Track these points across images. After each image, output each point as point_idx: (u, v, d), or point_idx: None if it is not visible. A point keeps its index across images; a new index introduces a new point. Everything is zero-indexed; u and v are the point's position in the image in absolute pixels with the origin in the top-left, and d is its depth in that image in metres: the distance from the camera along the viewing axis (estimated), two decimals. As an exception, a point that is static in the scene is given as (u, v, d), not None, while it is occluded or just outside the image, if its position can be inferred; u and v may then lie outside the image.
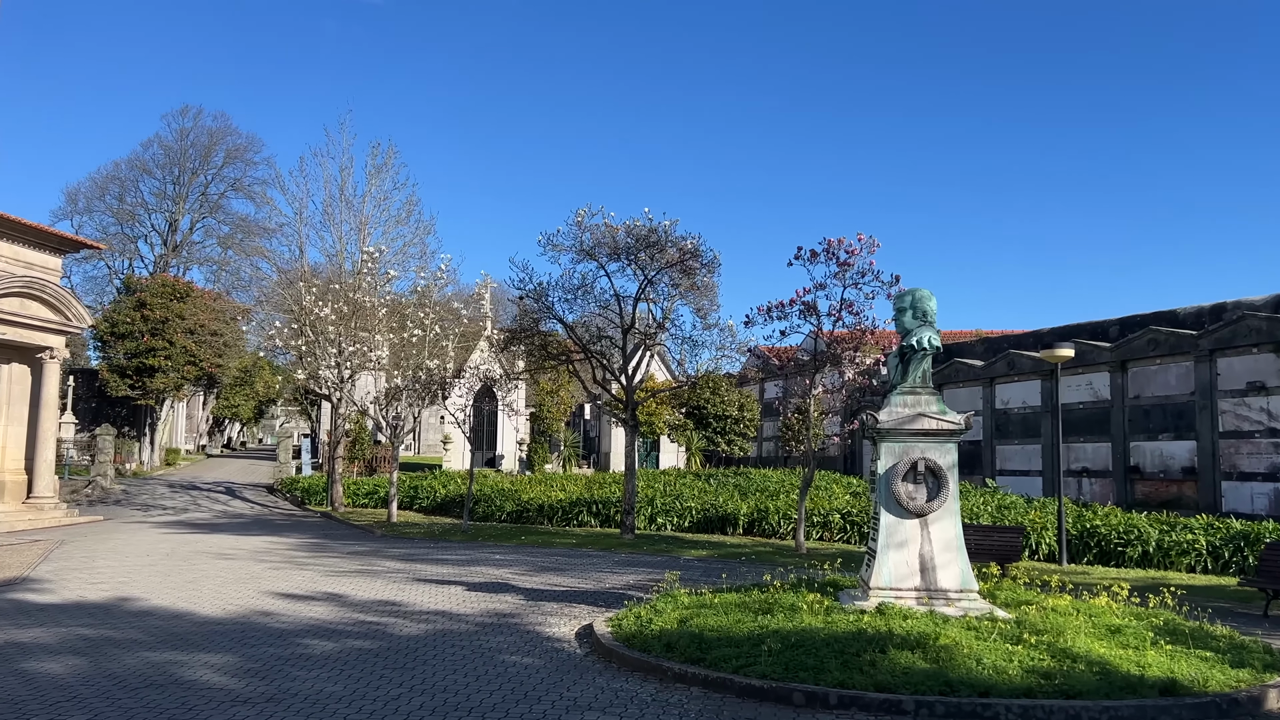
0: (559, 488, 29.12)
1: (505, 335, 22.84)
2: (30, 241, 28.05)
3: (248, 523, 27.98)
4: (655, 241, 21.03)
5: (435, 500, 31.06)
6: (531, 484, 30.66)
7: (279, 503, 35.28)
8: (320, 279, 30.63)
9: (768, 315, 20.46)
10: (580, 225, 21.51)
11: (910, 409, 10.69)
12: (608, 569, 17.42)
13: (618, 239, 21.29)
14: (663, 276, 21.82)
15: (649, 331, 22.72)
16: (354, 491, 34.18)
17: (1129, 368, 29.11)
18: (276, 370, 51.12)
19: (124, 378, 47.59)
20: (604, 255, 21.60)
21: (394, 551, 20.43)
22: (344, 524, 28.13)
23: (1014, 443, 33.76)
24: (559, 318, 22.04)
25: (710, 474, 31.67)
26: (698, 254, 21.05)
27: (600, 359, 22.90)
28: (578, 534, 23.52)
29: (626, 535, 22.03)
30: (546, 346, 22.75)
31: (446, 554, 20.03)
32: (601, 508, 25.21)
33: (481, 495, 28.71)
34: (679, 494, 25.62)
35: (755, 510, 23.39)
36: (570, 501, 25.81)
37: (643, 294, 22.11)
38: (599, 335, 22.75)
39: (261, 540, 22.51)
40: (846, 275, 19.73)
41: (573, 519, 25.32)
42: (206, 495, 36.33)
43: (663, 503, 24.61)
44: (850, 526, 21.85)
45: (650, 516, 24.28)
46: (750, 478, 29.84)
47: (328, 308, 27.72)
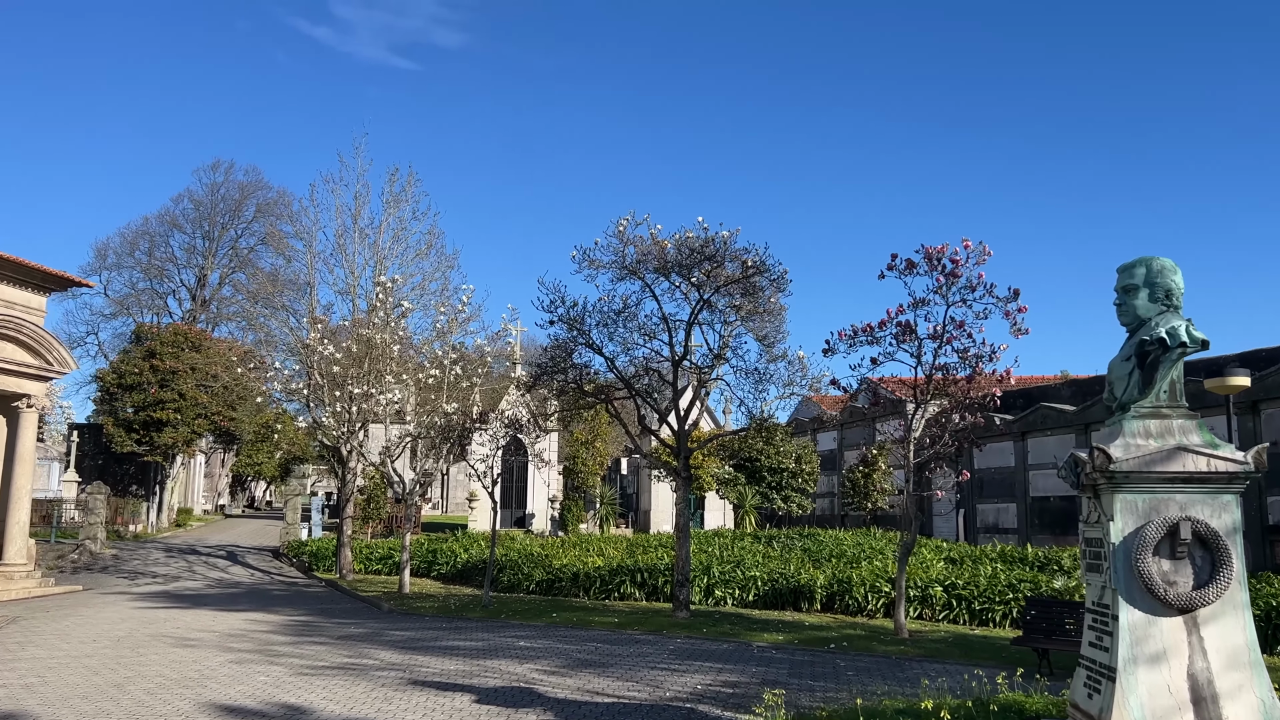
0: (596, 552, 25.16)
1: (533, 371, 19.17)
2: (7, 277, 25.02)
3: (239, 594, 24.29)
4: (712, 254, 17.37)
5: (455, 567, 27.20)
6: (565, 548, 26.74)
7: (283, 569, 31.58)
8: (328, 316, 27.32)
9: (853, 340, 16.63)
10: (621, 237, 17.96)
11: (1159, 439, 6.81)
12: (663, 663, 13.45)
13: (666, 254, 17.66)
14: (721, 298, 18.13)
15: (705, 364, 18.98)
16: (366, 556, 30.45)
17: (1262, 409, 24.81)
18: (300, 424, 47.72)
19: (130, 432, 44.52)
20: (650, 272, 17.97)
21: (395, 635, 16.60)
22: (349, 595, 24.35)
23: (1118, 498, 29.36)
24: (596, 348, 18.34)
25: (770, 535, 27.56)
26: (763, 268, 17.35)
27: (646, 397, 19.15)
28: (620, 610, 19.54)
29: (680, 613, 18.03)
30: (581, 383, 19.03)
31: (459, 638, 16.15)
32: (647, 577, 21.22)
33: (507, 561, 24.83)
34: (739, 560, 21.57)
35: (834, 581, 19.30)
36: (610, 569, 21.86)
37: (696, 318, 18.40)
38: (645, 369, 19.01)
39: (242, 618, 18.79)
40: (952, 289, 15.91)
41: (613, 590, 21.34)
42: (205, 561, 32.73)
43: (721, 571, 20.58)
44: (956, 602, 17.69)
45: (706, 588, 20.26)
46: (819, 540, 25.71)
47: (331, 345, 24.29)
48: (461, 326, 26.07)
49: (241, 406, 47.41)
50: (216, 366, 45.66)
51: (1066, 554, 20.60)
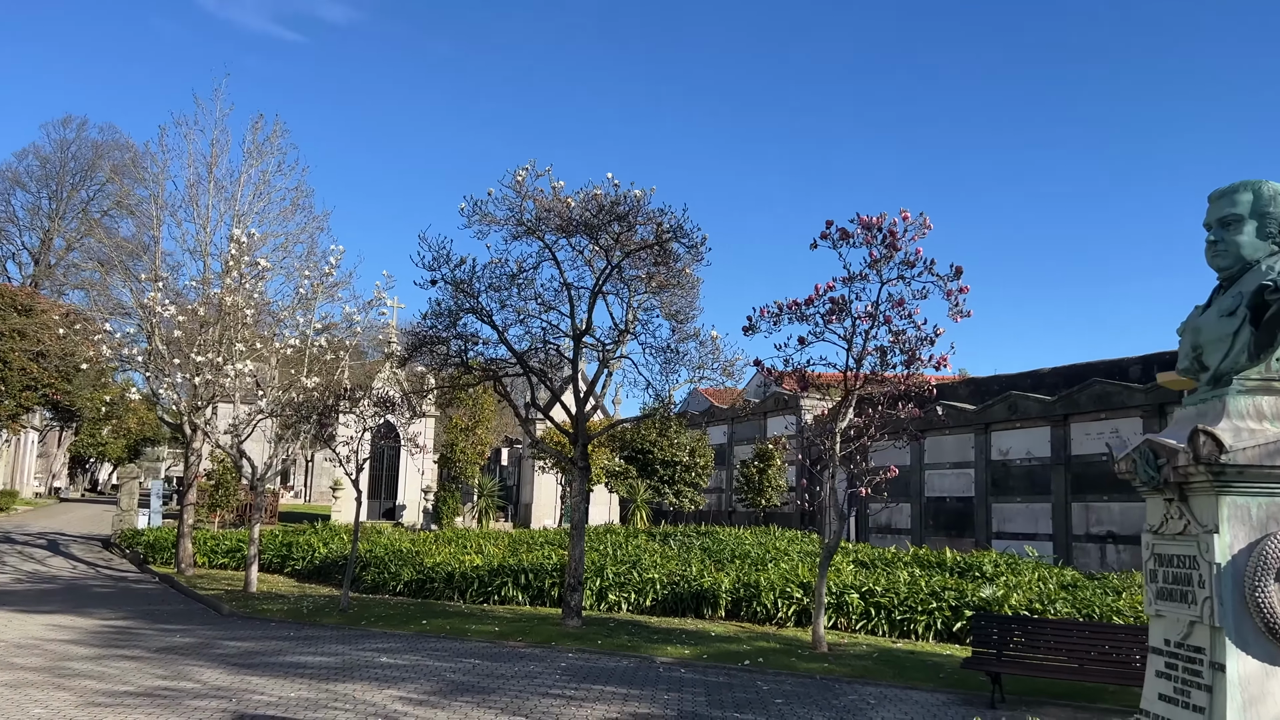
0: (474, 549, 22.66)
1: (409, 340, 16.59)
2: None
3: (52, 591, 20.81)
4: (624, 214, 15.20)
5: (312, 562, 24.24)
6: (439, 544, 24.12)
7: (114, 561, 27.86)
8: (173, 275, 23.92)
9: (777, 318, 14.76)
10: (519, 189, 15.57)
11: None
12: (556, 687, 11.23)
13: (570, 212, 15.39)
14: (631, 267, 15.99)
15: (610, 341, 16.81)
16: (211, 548, 27.07)
17: (1169, 412, 24.29)
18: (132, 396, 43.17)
19: (-58, 404, 39.34)
20: (551, 232, 15.67)
21: (230, 646, 13.84)
22: (185, 593, 21.20)
23: (1016, 500, 28.68)
24: (486, 315, 15.90)
25: (665, 533, 25.59)
26: (681, 233, 15.28)
27: (541, 376, 16.84)
28: (501, 616, 17.20)
29: (571, 621, 15.82)
30: (465, 357, 16.57)
31: (308, 651, 13.54)
32: (532, 578, 18.89)
33: (372, 558, 22.09)
34: (635, 560, 19.48)
35: (741, 586, 17.44)
36: (490, 569, 19.43)
37: (602, 287, 16.19)
38: (542, 343, 16.70)
39: (44, 623, 15.62)
40: (889, 265, 14.21)
41: (493, 593, 18.93)
42: (20, 550, 28.64)
43: (616, 573, 18.44)
44: (875, 611, 16.07)
45: (599, 591, 18.10)
46: (719, 539, 23.87)
47: (175, 308, 21.06)
48: (328, 293, 23.15)
49: (77, 379, 42.64)
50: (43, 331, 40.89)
51: (986, 558, 19.34)
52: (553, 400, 17.96)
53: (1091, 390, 26.32)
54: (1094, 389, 26.27)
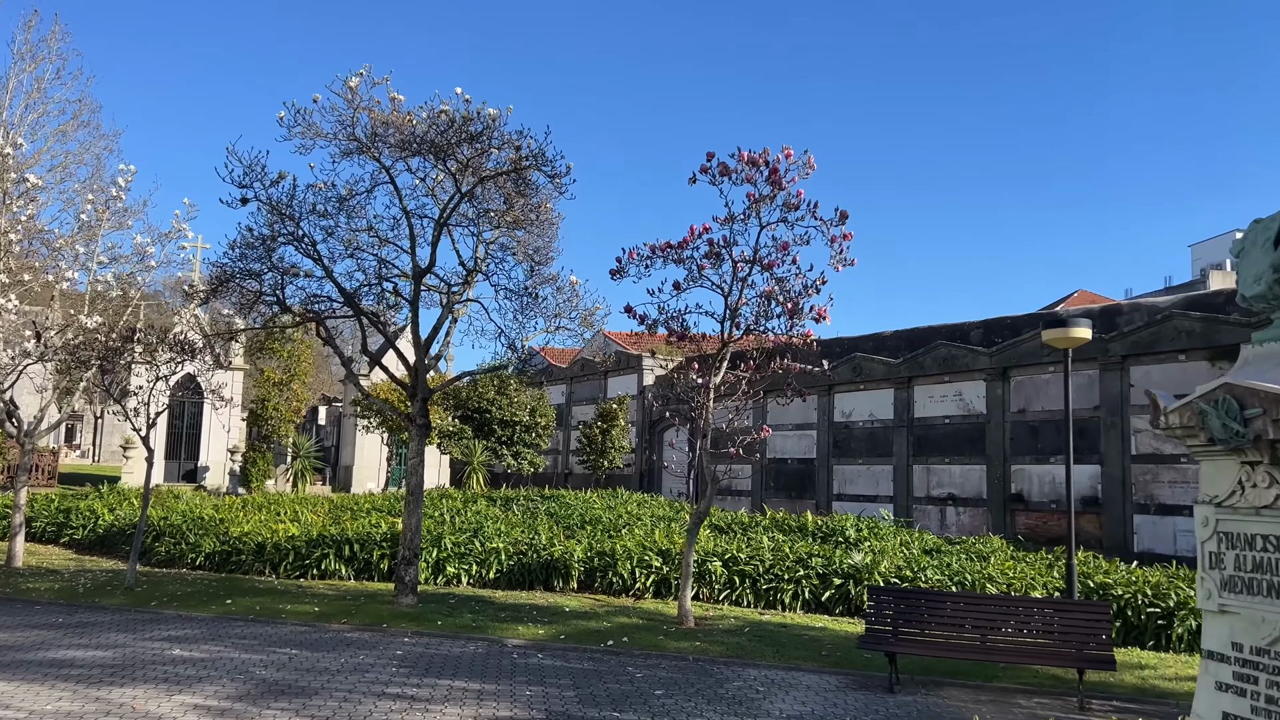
0: (289, 516, 20.16)
1: (214, 273, 13.97)
2: None
3: None
4: (477, 134, 13.17)
5: (95, 532, 21.05)
6: (247, 510, 21.39)
7: None
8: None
9: (649, 260, 13.23)
10: (351, 99, 13.23)
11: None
12: (393, 683, 9.38)
13: (414, 129, 13.22)
14: (484, 195, 14.01)
15: (455, 281, 14.77)
16: (-31, 516, 23.22)
17: (1011, 376, 24.55)
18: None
19: None
20: (390, 149, 13.44)
21: (-25, 641, 11.16)
22: (-71, 571, 17.74)
23: (858, 462, 28.60)
24: (310, 244, 13.53)
25: (507, 497, 23.78)
26: (542, 159, 13.42)
27: (374, 320, 14.62)
28: (322, 594, 15.04)
29: (405, 598, 13.89)
30: (282, 295, 14.14)
31: (81, 642, 11.06)
32: (358, 549, 16.72)
33: (167, 526, 19.25)
34: (477, 528, 17.63)
35: (595, 555, 15.98)
36: (308, 540, 17.10)
37: (448, 218, 14.11)
38: (377, 280, 14.43)
39: None
40: (773, 204, 12.92)
41: (312, 566, 16.65)
42: None
43: (454, 543, 16.55)
44: (739, 580, 14.97)
45: (435, 563, 16.19)
46: (564, 503, 22.31)
47: (-87, 225, 17.31)
48: (117, 221, 19.82)
49: None
50: None
51: (849, 522, 18.68)
52: (385, 348, 15.78)
53: (936, 353, 26.36)
54: (939, 352, 26.31)
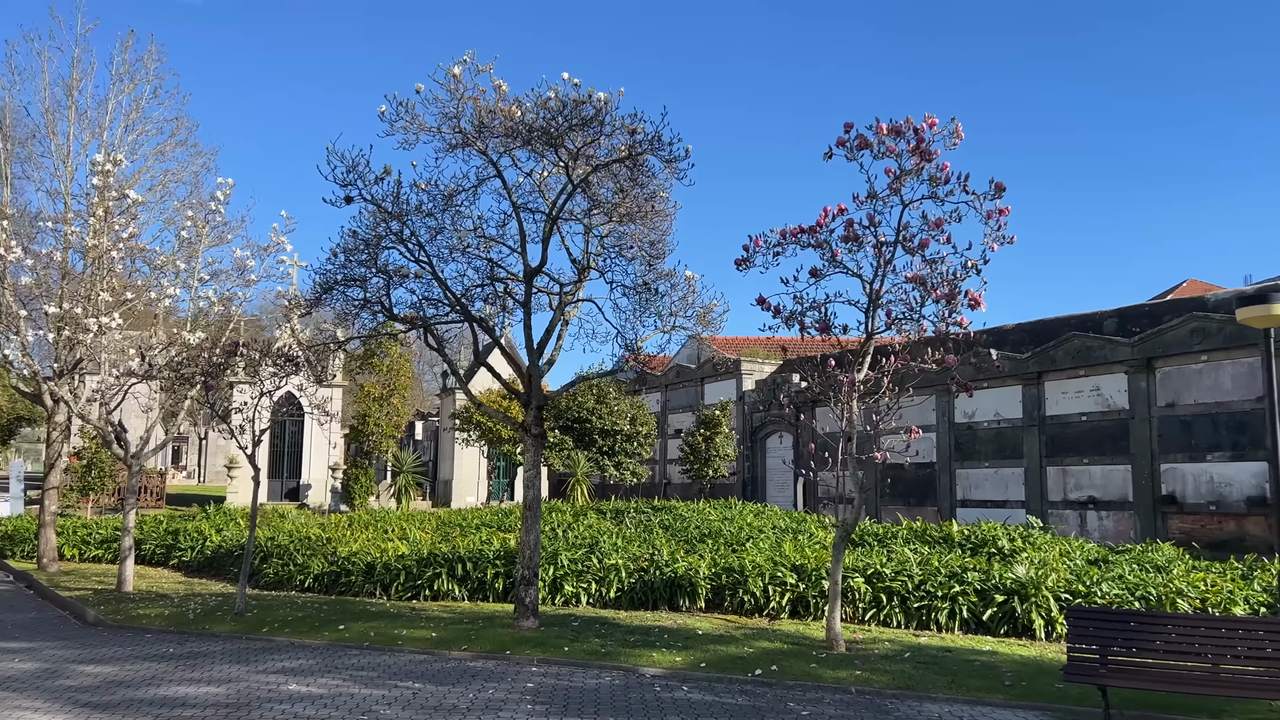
0: (397, 534, 19.50)
1: (318, 282, 13.26)
2: None
3: None
4: (589, 118, 12.18)
5: (203, 553, 20.74)
6: (354, 529, 20.84)
7: (-38, 557, 23.72)
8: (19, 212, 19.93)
9: (780, 247, 12.02)
10: (454, 90, 12.38)
11: None
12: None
13: (525, 118, 12.29)
14: (595, 184, 13.01)
15: (568, 280, 13.80)
16: (83, 538, 23.29)
17: (1157, 367, 22.53)
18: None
19: None
20: (497, 139, 12.54)
21: (86, 673, 10.56)
22: (45, 595, 17.57)
23: (983, 465, 26.79)
24: (415, 247, 12.71)
25: (617, 510, 22.79)
26: (660, 143, 12.36)
27: (485, 325, 13.73)
28: (437, 616, 14.18)
29: (526, 621, 12.92)
30: (388, 302, 13.35)
31: (190, 676, 10.35)
32: (471, 568, 15.86)
33: (274, 547, 18.75)
34: (592, 543, 16.63)
35: (722, 572, 14.79)
36: (419, 559, 16.32)
37: (560, 212, 13.15)
38: (490, 280, 13.53)
39: None
40: (919, 179, 11.59)
41: (424, 587, 15.85)
42: None
43: (571, 560, 15.57)
44: (886, 598, 13.61)
45: (552, 582, 15.21)
46: (678, 515, 21.19)
47: (20, 246, 17.23)
48: (217, 236, 19.54)
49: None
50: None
51: (1001, 531, 17.07)
52: (484, 353, 14.91)
53: (1069, 345, 24.47)
54: (1071, 344, 24.41)
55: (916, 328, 11.65)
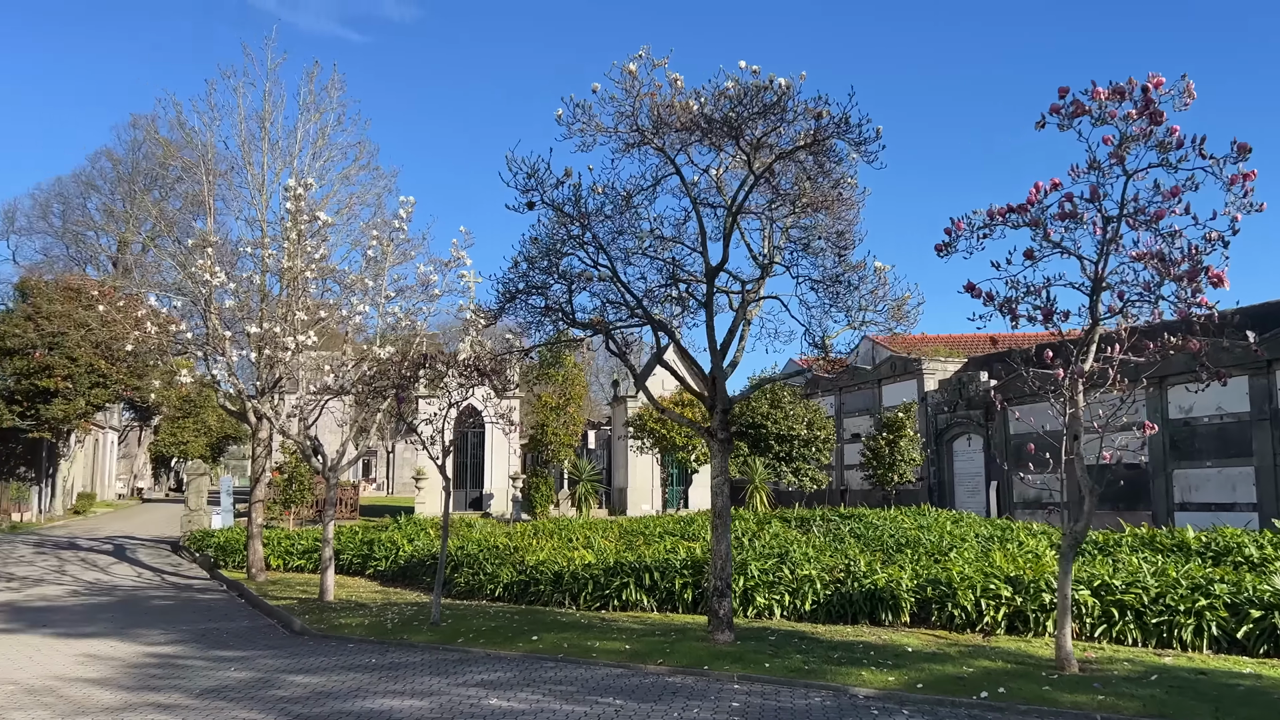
0: (581, 543, 19.41)
1: (501, 291, 13.21)
2: None
3: (105, 605, 18.20)
4: (771, 105, 11.58)
5: (396, 563, 21.33)
6: (538, 537, 20.91)
7: (183, 566, 25.41)
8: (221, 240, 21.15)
9: (987, 228, 11.01)
10: (631, 89, 12.06)
11: None
12: (744, 750, 7.79)
13: (703, 110, 11.81)
14: (782, 174, 12.39)
15: (749, 277, 13.23)
16: (287, 549, 24.45)
17: None
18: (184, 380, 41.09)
19: (11, 404, 37.67)
20: (675, 133, 12.12)
21: (294, 684, 10.76)
22: (255, 605, 18.41)
23: (1205, 465, 24.35)
24: (597, 250, 12.46)
25: (802, 517, 22.00)
26: (847, 126, 11.61)
27: (665, 328, 13.33)
28: (628, 628, 13.86)
29: (721, 634, 12.40)
30: (570, 308, 13.15)
31: (394, 689, 10.36)
32: (659, 578, 15.50)
33: (463, 556, 19.01)
34: (782, 553, 15.95)
35: (927, 584, 13.80)
36: (606, 568, 16.09)
37: (742, 206, 12.60)
38: (672, 281, 13.13)
39: (80, 651, 12.78)
40: (1145, 145, 10.34)
41: (612, 597, 15.60)
42: (83, 558, 26.40)
43: (760, 570, 14.95)
44: (1118, 613, 12.28)
45: (743, 593, 14.63)
46: (869, 522, 20.21)
47: (224, 272, 18.21)
48: (400, 254, 20.07)
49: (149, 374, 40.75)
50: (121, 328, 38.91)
51: (1248, 538, 15.27)
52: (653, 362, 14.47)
53: (1307, 329, 21.88)
54: (1305, 328, 21.82)
55: (1151, 310, 10.38)
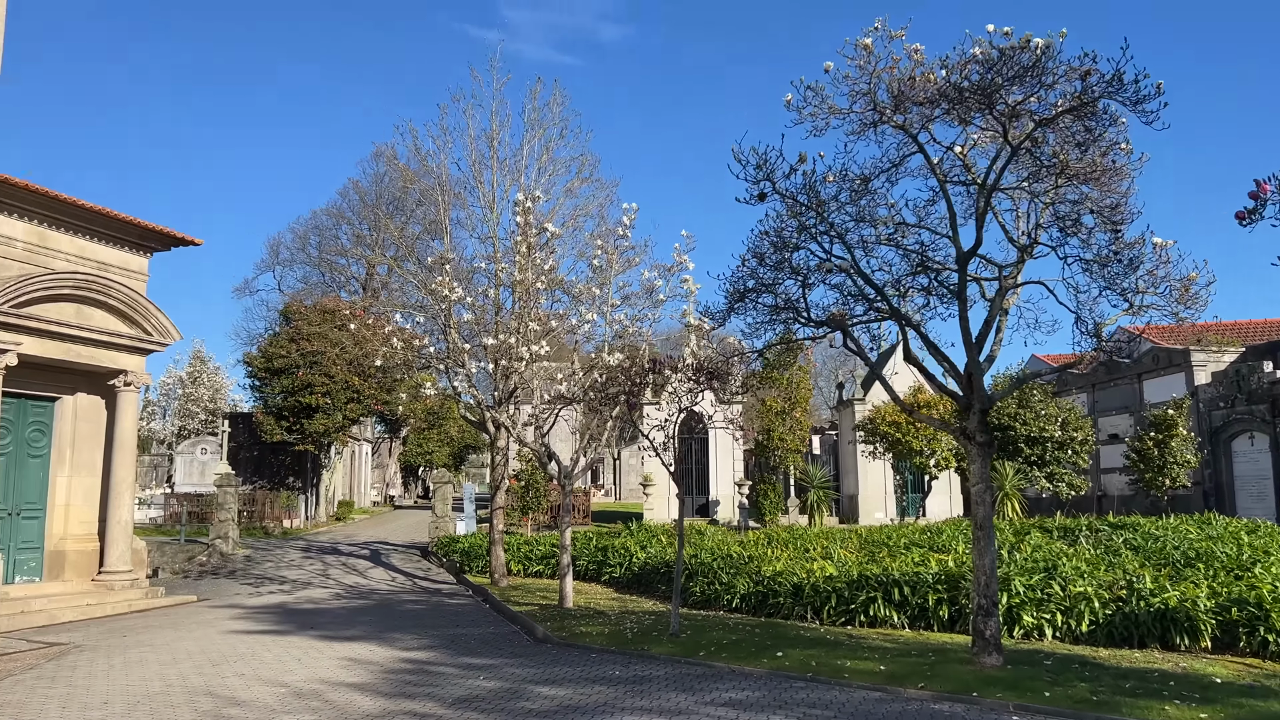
0: (819, 553, 18.54)
1: (730, 291, 12.63)
2: (100, 234, 20.86)
3: (364, 609, 19.22)
4: (1028, 68, 10.37)
5: (630, 570, 21.28)
6: (772, 546, 20.24)
7: (431, 571, 26.64)
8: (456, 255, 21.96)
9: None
10: (867, 66, 11.19)
11: None
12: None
13: (950, 79, 10.77)
14: (1038, 141, 11.11)
15: (1006, 263, 12.00)
16: (525, 554, 25.07)
17: None
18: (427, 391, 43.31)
19: (279, 420, 41.26)
20: (917, 114, 11.13)
21: (542, 696, 10.64)
22: (498, 610, 18.83)
23: None
24: (828, 244, 11.65)
25: (1064, 527, 20.09)
26: (1119, 83, 10.21)
27: (909, 321, 12.32)
28: (879, 646, 12.92)
29: (988, 658, 11.23)
30: (804, 304, 12.41)
31: (640, 706, 10.01)
32: (909, 593, 14.42)
33: (697, 565, 18.63)
34: (1050, 566, 14.43)
35: (1229, 603, 11.97)
36: (849, 581, 15.17)
37: (998, 182, 11.42)
38: (921, 268, 12.13)
39: (342, 655, 13.37)
40: None
41: (858, 612, 14.66)
42: (344, 562, 28.27)
43: (1025, 585, 13.55)
44: None
45: (1005, 611, 13.29)
46: (1146, 533, 18.10)
47: (461, 288, 18.82)
48: (625, 262, 20.03)
49: (397, 389, 43.56)
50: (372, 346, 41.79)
51: None
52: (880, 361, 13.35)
53: None
54: None
55: None
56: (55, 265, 19.40)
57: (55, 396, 20.24)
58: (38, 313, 18.49)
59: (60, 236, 19.82)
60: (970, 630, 12.07)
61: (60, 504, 20.22)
